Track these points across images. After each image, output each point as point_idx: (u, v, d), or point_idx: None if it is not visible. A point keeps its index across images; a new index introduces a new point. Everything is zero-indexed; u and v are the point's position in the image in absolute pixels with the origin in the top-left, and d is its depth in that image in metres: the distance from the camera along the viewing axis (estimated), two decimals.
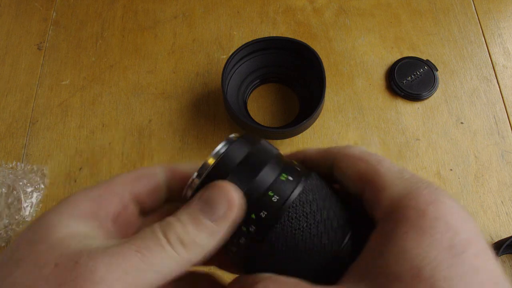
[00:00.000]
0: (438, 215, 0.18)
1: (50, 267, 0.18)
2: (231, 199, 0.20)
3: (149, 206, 0.25)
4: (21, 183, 0.52)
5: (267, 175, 0.22)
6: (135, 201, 0.25)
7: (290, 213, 0.21)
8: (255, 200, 0.21)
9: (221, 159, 0.22)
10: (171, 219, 0.21)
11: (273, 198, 0.21)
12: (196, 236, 0.20)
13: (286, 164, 0.23)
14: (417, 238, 0.17)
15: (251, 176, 0.22)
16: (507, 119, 0.57)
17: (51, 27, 0.64)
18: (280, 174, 0.22)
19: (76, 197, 0.23)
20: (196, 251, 0.20)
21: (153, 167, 0.26)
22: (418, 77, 0.59)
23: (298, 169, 0.23)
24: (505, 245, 0.46)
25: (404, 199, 0.19)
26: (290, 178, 0.22)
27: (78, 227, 0.21)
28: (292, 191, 0.21)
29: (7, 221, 0.49)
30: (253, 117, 0.56)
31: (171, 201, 0.26)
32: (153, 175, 0.25)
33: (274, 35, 0.62)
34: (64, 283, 0.18)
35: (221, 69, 0.53)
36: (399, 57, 0.60)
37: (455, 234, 0.17)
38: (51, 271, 0.18)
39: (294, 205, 0.21)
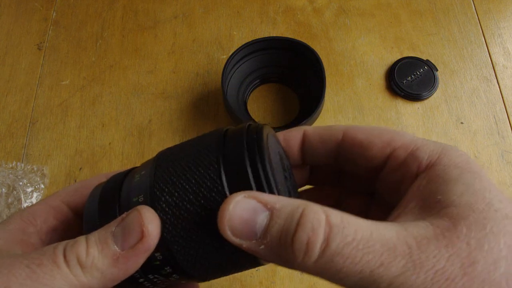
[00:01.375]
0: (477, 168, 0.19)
1: None
2: (145, 230, 0.19)
3: None
4: (21, 183, 0.52)
5: (125, 189, 0.21)
6: (75, 212, 0.24)
7: (160, 197, 0.20)
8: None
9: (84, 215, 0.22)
10: (80, 239, 0.19)
11: (139, 200, 0.20)
12: (98, 261, 0.18)
13: (138, 167, 0.23)
14: (473, 178, 0.18)
15: (114, 203, 0.21)
16: (507, 119, 0.57)
17: (51, 27, 0.64)
18: (133, 178, 0.22)
19: (11, 217, 0.23)
20: (95, 275, 0.18)
21: (94, 178, 0.25)
22: (418, 77, 0.59)
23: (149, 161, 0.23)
24: None
25: (445, 153, 0.19)
26: (143, 172, 0.21)
27: None
28: (149, 181, 0.20)
29: None
30: (253, 117, 0.56)
31: None
32: (94, 185, 0.24)
33: (274, 35, 0.62)
34: None
35: (221, 69, 0.53)
36: (399, 57, 0.60)
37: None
38: None
39: (158, 188, 0.20)
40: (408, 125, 0.57)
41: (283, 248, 0.17)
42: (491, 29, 0.63)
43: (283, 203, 0.18)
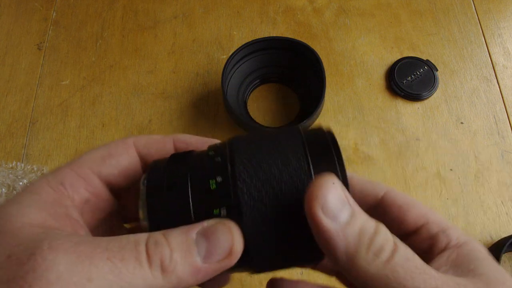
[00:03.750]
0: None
1: (1, 259, 0.16)
2: (234, 249, 0.18)
3: (123, 186, 0.23)
4: (21, 183, 0.52)
5: (199, 193, 0.20)
6: (105, 183, 0.23)
7: (248, 215, 0.19)
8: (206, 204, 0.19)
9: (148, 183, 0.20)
10: (160, 238, 0.18)
11: (221, 213, 0.19)
12: (179, 268, 0.18)
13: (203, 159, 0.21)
14: (496, 265, 0.21)
15: (186, 202, 0.20)
16: (507, 119, 0.57)
17: (51, 27, 0.64)
18: (208, 183, 0.20)
19: (38, 184, 0.20)
20: (173, 281, 0.18)
21: (124, 141, 0.23)
22: (418, 77, 0.59)
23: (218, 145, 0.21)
24: (508, 243, 0.46)
25: (470, 240, 0.22)
26: (221, 179, 0.20)
27: (40, 217, 0.18)
28: (233, 196, 0.19)
29: None
30: (253, 117, 0.56)
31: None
32: (123, 152, 0.23)
33: (274, 35, 0.62)
34: (13, 278, 0.15)
35: (221, 69, 0.53)
36: (399, 57, 0.60)
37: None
38: (1, 263, 0.16)
39: (246, 205, 0.19)
40: (408, 125, 0.56)
41: (360, 242, 0.18)
42: (491, 29, 0.63)
43: (359, 210, 0.19)
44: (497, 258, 0.45)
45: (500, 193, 0.52)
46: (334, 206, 0.18)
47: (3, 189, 0.51)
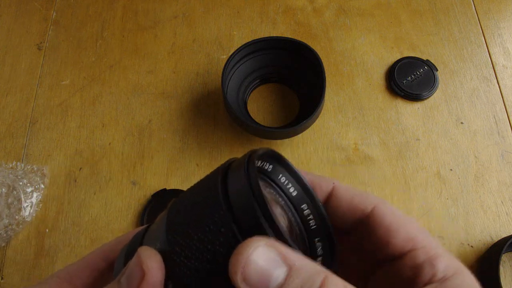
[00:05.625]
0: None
1: None
2: (145, 267, 0.19)
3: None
4: (21, 183, 0.52)
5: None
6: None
7: (172, 242, 0.19)
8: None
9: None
10: None
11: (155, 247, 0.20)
12: None
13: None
14: None
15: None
16: (507, 119, 0.57)
17: (51, 27, 0.64)
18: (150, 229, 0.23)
19: (50, 276, 0.24)
20: None
21: (131, 234, 0.25)
22: (418, 77, 0.59)
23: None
24: (508, 243, 0.46)
25: (459, 272, 0.20)
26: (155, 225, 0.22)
27: None
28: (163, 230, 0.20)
29: (7, 221, 0.49)
30: (253, 117, 0.56)
31: None
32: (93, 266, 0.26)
33: (274, 35, 0.62)
34: None
35: (221, 69, 0.53)
36: (399, 57, 0.60)
37: None
38: None
39: (171, 236, 0.19)
40: (408, 125, 0.56)
41: None
42: (491, 29, 0.63)
43: (303, 263, 0.17)
44: (497, 258, 0.45)
45: (500, 193, 0.52)
46: (257, 274, 0.16)
47: (3, 189, 0.51)
